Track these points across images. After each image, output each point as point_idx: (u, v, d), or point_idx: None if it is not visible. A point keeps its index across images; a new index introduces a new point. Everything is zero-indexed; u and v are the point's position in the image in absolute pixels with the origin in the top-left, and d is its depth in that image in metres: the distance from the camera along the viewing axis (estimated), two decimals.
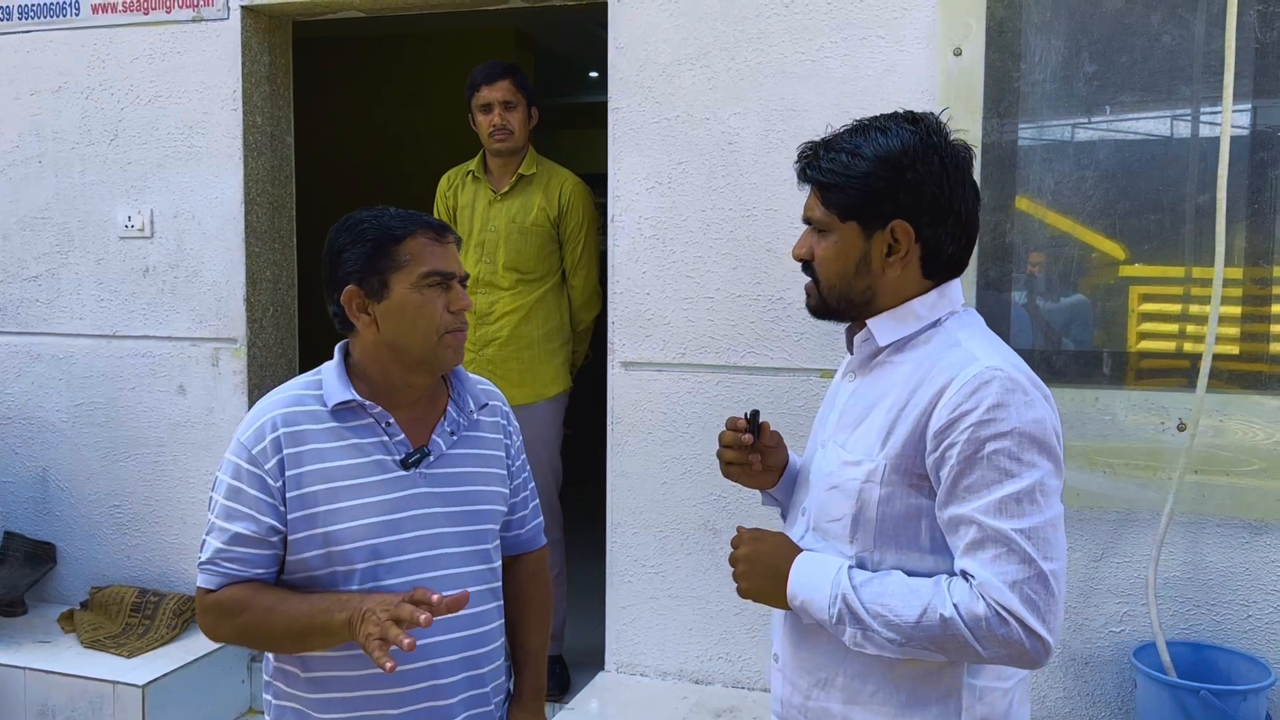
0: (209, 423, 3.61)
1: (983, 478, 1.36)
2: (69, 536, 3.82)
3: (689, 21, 3.04)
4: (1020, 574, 1.33)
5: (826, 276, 1.51)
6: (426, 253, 1.70)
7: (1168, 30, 2.77)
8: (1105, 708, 2.82)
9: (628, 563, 3.19)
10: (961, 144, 1.49)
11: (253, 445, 1.67)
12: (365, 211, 1.75)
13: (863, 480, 1.45)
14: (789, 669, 1.57)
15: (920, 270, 1.48)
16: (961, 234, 1.48)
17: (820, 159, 1.50)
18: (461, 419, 1.80)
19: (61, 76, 3.71)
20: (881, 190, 1.44)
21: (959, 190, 1.46)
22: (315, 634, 1.60)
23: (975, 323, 1.51)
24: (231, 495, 1.67)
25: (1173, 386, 2.79)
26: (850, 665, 1.48)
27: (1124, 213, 2.84)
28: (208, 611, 1.68)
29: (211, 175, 3.56)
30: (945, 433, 1.38)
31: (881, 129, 1.47)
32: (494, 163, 3.51)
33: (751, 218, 3.02)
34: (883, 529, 1.45)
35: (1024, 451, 1.35)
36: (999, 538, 1.34)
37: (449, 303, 1.72)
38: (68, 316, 3.76)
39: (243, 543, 1.65)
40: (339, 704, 1.69)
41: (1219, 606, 2.71)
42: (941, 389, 1.40)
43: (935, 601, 1.36)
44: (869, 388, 1.52)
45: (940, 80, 2.82)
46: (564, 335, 3.56)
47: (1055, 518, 1.37)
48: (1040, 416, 1.38)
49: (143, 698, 3.18)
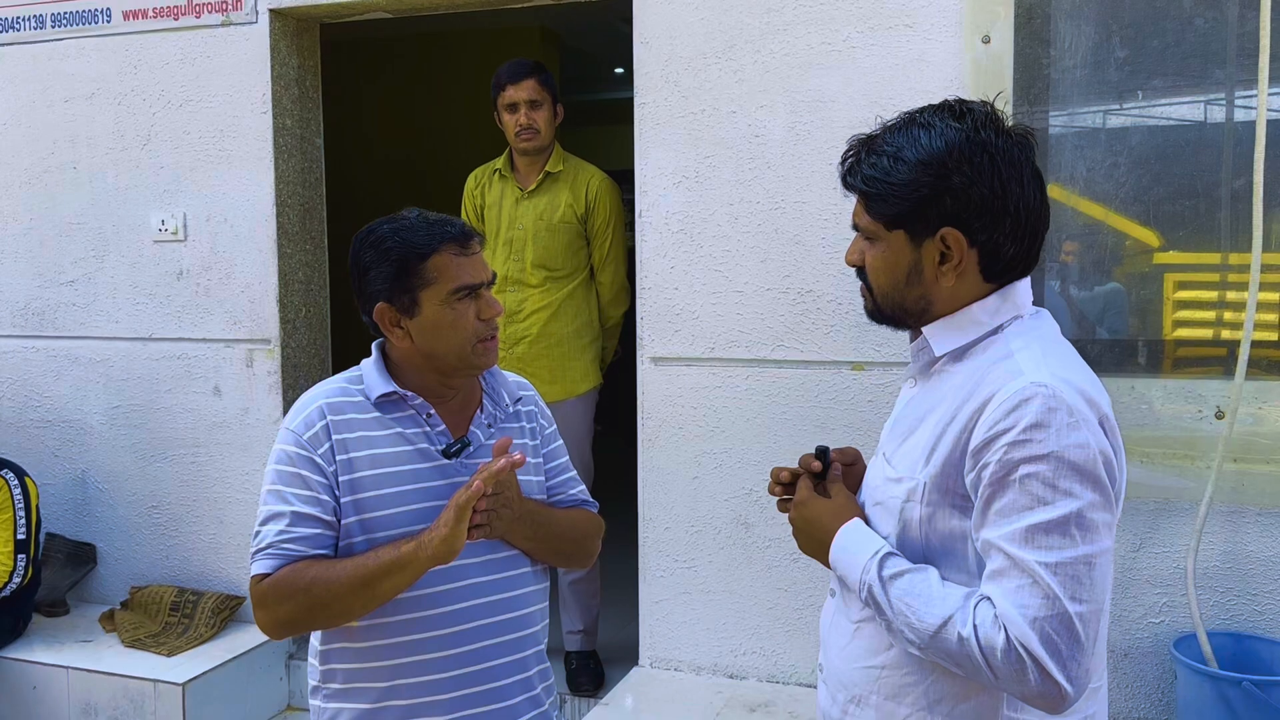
0: (244, 423, 3.65)
1: (1013, 502, 1.26)
2: (108, 537, 3.88)
3: (714, 15, 3.04)
4: (1042, 611, 1.23)
5: (879, 285, 1.43)
6: (453, 268, 1.71)
7: (1200, 13, 2.73)
8: (1145, 700, 2.79)
9: (660, 558, 3.19)
10: (1020, 132, 1.38)
11: (303, 431, 1.69)
12: (387, 224, 1.75)
13: (904, 499, 1.39)
14: (830, 680, 1.54)
15: (980, 275, 1.38)
16: (1022, 232, 1.37)
17: (861, 164, 1.40)
18: (498, 412, 1.84)
19: (94, 83, 3.76)
20: (926, 197, 1.34)
21: (1015, 187, 1.35)
22: (385, 574, 1.60)
23: (1037, 330, 1.41)
24: (287, 480, 1.67)
25: (1209, 374, 2.75)
26: (884, 685, 1.43)
27: (1158, 199, 2.81)
28: (266, 596, 1.63)
29: (243, 178, 3.59)
30: (981, 452, 1.29)
31: (925, 125, 1.36)
32: (520, 160, 3.52)
33: (780, 210, 3.01)
34: (929, 551, 1.37)
35: (1060, 478, 1.25)
36: (1022, 569, 1.24)
37: (479, 311, 1.73)
38: (104, 320, 3.81)
39: (304, 522, 1.65)
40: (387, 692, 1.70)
41: (1260, 596, 2.67)
42: (983, 404, 1.31)
43: (957, 617, 1.28)
44: (924, 398, 1.44)
45: (969, 69, 2.79)
46: (593, 331, 3.57)
47: (1092, 555, 1.25)
48: (1084, 441, 1.26)
49: (183, 695, 3.22)
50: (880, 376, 2.93)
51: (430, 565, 1.60)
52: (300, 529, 1.65)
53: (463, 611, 1.72)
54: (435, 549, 1.56)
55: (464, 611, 1.72)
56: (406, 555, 1.59)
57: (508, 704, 1.76)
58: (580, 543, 1.92)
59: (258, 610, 1.67)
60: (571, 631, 3.54)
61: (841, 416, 2.97)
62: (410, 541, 1.60)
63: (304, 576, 1.62)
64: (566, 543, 1.88)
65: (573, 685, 3.44)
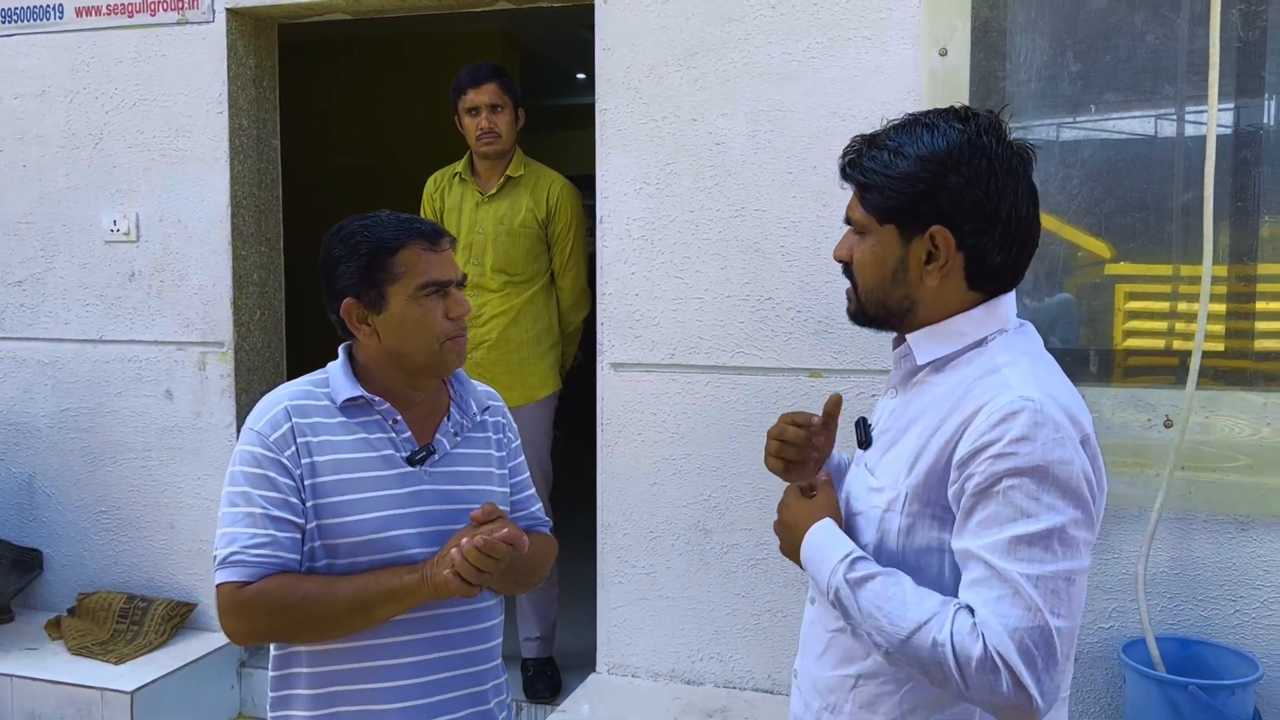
0: (196, 427, 3.59)
1: (996, 513, 1.27)
2: (56, 543, 3.80)
3: (676, 23, 3.05)
4: (1023, 621, 1.23)
5: (864, 281, 1.44)
6: (422, 263, 1.70)
7: (1151, 29, 2.79)
8: (1095, 703, 2.83)
9: (618, 564, 3.19)
10: (1021, 145, 1.40)
11: (270, 433, 1.65)
12: (358, 220, 1.74)
13: (884, 509, 1.39)
14: (804, 687, 1.54)
15: (964, 281, 1.39)
16: (1011, 241, 1.38)
17: (862, 157, 1.42)
18: (465, 420, 1.81)
19: (45, 81, 3.69)
20: (922, 192, 1.36)
21: (1010, 195, 1.36)
22: (384, 601, 1.60)
23: (1022, 345, 1.41)
24: (254, 482, 1.63)
25: (1159, 384, 2.80)
26: (859, 694, 1.43)
27: (1109, 211, 2.86)
28: (247, 607, 1.59)
29: (197, 179, 3.54)
30: (967, 463, 1.30)
31: (929, 126, 1.38)
32: (481, 165, 3.51)
33: (740, 218, 3.02)
34: (905, 562, 1.37)
35: (1044, 492, 1.26)
36: (1004, 579, 1.25)
37: (447, 309, 1.72)
38: (53, 321, 3.74)
39: (276, 525, 1.61)
40: (341, 697, 1.68)
41: (1207, 602, 2.72)
42: (970, 417, 1.32)
43: (934, 623, 1.28)
44: (906, 408, 1.45)
45: (926, 81, 2.83)
46: (553, 337, 3.56)
47: (1072, 571, 1.26)
48: (1068, 458, 1.27)
49: (131, 704, 3.16)
50: (838, 383, 2.95)
51: (429, 599, 1.62)
52: (271, 532, 1.61)
53: (416, 622, 1.69)
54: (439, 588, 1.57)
55: (417, 622, 1.69)
56: (409, 586, 1.60)
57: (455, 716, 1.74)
58: (538, 570, 1.91)
59: (232, 618, 1.62)
60: (529, 638, 3.52)
61: None
62: (413, 572, 1.60)
63: (296, 592, 1.59)
64: (525, 573, 1.87)
65: (529, 692, 3.43)
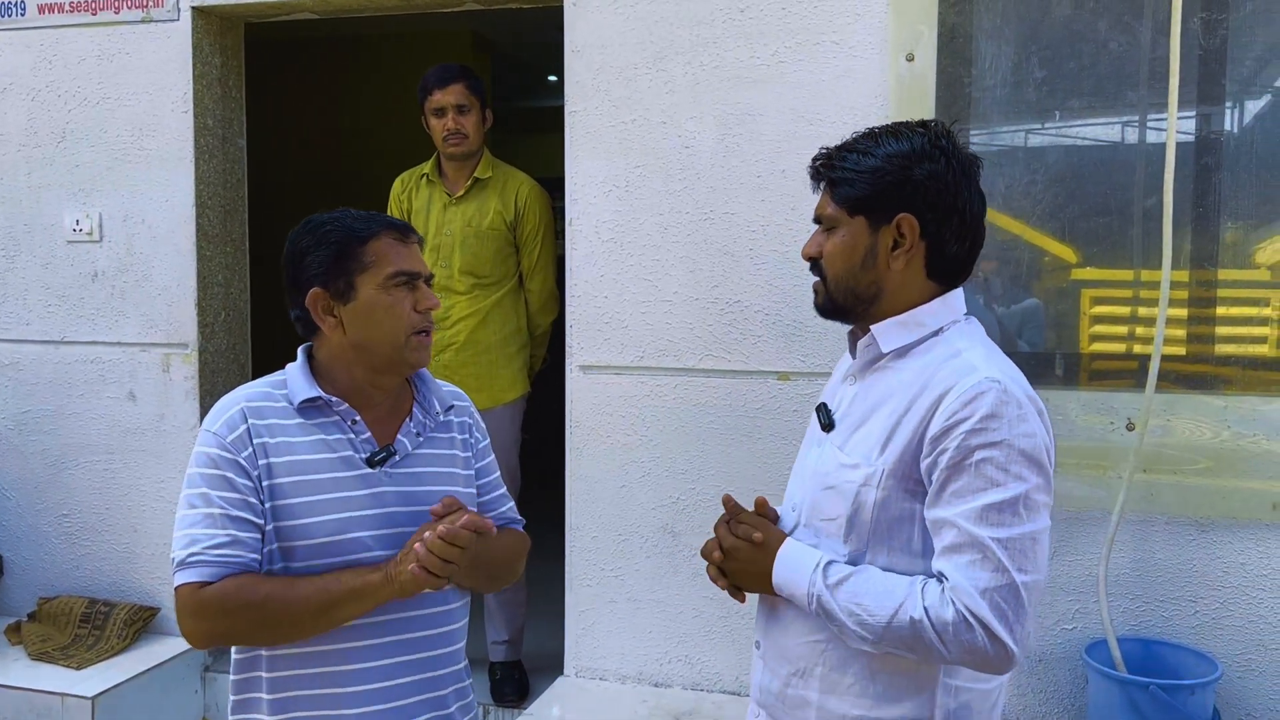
0: (160, 429, 3.55)
1: (969, 484, 1.40)
2: (16, 546, 3.74)
3: (645, 26, 3.05)
4: (992, 582, 1.37)
5: (834, 272, 1.56)
6: (392, 253, 1.71)
7: (1114, 37, 2.82)
8: (1058, 704, 2.85)
9: (587, 567, 3.18)
10: (970, 152, 1.57)
11: (226, 434, 1.64)
12: (326, 214, 1.75)
13: (860, 484, 1.49)
14: (769, 656, 1.62)
15: (924, 269, 1.53)
16: (966, 234, 1.54)
17: (833, 159, 1.56)
18: (428, 420, 1.80)
19: (6, 78, 3.64)
20: (890, 184, 1.50)
21: (964, 192, 1.53)
22: (347, 601, 1.60)
23: (976, 333, 1.56)
24: (213, 483, 1.61)
25: (1122, 387, 2.83)
26: (829, 657, 1.53)
27: (1074, 216, 2.89)
28: (206, 608, 1.57)
29: (162, 178, 3.50)
30: (939, 439, 1.43)
31: (894, 133, 1.54)
32: (449, 166, 3.49)
33: (709, 221, 3.03)
34: (876, 530, 1.49)
35: (1012, 463, 1.40)
36: (976, 544, 1.38)
37: (416, 302, 1.72)
38: (14, 322, 3.68)
39: (236, 525, 1.60)
40: (301, 702, 1.67)
41: (1167, 603, 2.76)
42: (940, 396, 1.44)
43: (908, 604, 1.40)
44: (869, 391, 1.56)
45: (893, 86, 2.85)
46: (521, 339, 3.55)
47: (1037, 531, 1.40)
48: (1032, 431, 1.42)
49: (93, 709, 3.12)
50: (806, 386, 2.96)
51: (393, 598, 1.61)
52: (231, 532, 1.60)
53: (377, 625, 1.68)
54: (404, 584, 1.57)
55: (378, 626, 1.68)
56: (373, 585, 1.59)
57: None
58: (510, 565, 1.90)
59: (191, 619, 1.60)
60: (496, 642, 3.51)
61: (768, 425, 3.00)
62: (376, 571, 1.60)
63: (257, 593, 1.58)
64: (497, 567, 1.86)
65: (497, 696, 3.41)
